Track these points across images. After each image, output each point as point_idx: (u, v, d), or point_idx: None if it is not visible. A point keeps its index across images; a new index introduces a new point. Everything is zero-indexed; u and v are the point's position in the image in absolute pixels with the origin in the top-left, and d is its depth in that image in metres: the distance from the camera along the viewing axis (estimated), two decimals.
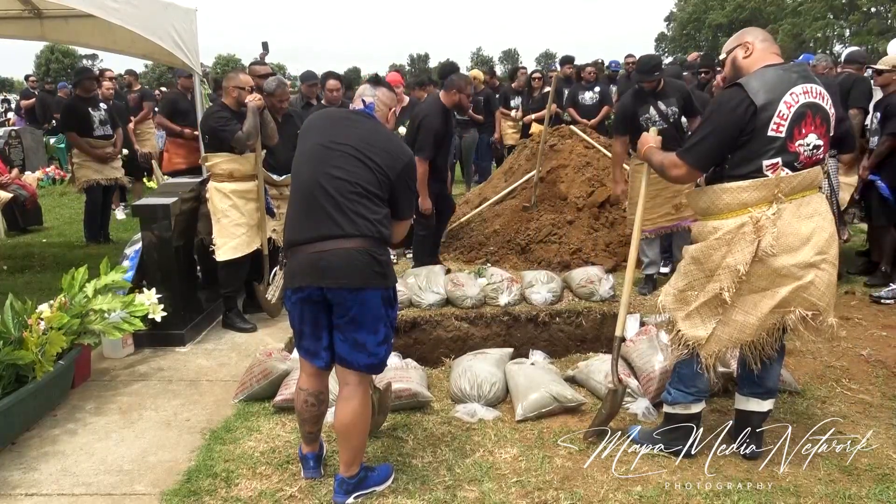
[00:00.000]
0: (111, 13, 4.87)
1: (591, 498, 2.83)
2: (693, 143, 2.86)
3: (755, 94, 2.70)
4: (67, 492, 2.98)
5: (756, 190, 2.74)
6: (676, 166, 2.91)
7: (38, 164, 11.95)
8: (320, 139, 2.75)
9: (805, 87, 2.75)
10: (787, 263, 2.73)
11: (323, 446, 3.08)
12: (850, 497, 2.79)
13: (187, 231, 4.87)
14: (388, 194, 2.73)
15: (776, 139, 2.71)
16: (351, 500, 2.81)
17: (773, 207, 2.71)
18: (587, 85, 9.45)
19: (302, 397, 2.87)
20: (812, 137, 2.75)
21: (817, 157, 2.79)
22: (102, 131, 7.37)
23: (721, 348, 2.87)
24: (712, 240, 2.82)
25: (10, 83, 50.21)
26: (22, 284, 5.83)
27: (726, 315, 2.83)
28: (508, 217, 6.50)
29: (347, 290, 2.61)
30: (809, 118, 2.74)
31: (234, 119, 4.65)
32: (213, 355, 4.46)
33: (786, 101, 2.70)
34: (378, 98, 2.90)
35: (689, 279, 2.93)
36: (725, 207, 2.80)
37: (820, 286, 2.77)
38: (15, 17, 6.30)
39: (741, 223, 2.74)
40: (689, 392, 3.01)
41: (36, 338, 3.49)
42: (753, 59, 2.84)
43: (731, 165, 2.80)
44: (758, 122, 2.70)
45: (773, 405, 3.09)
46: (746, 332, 2.82)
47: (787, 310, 2.78)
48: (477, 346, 4.23)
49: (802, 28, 51.43)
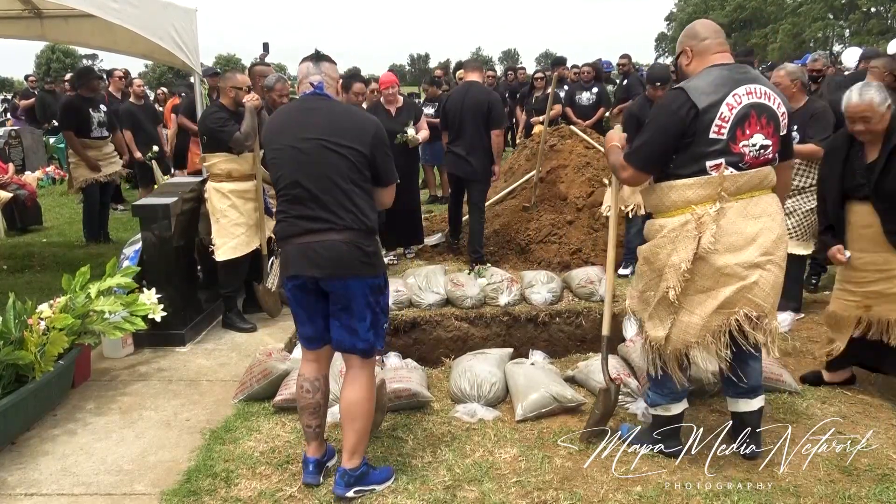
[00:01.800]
0: (111, 13, 4.86)
1: (590, 498, 2.83)
2: (637, 147, 2.89)
3: (696, 97, 2.71)
4: (67, 492, 2.98)
5: (700, 188, 2.75)
6: (624, 168, 2.94)
7: (38, 163, 11.95)
8: (289, 140, 2.77)
9: (749, 87, 2.75)
10: (730, 262, 2.73)
11: (329, 454, 3.05)
12: (850, 497, 2.79)
13: (187, 231, 4.87)
14: (369, 169, 2.79)
15: (718, 141, 2.72)
16: (351, 494, 2.82)
17: (715, 205, 2.72)
18: (585, 85, 9.44)
19: (299, 383, 2.94)
20: (758, 138, 2.75)
21: (765, 157, 2.79)
22: (100, 133, 7.34)
23: (675, 348, 2.86)
24: (659, 238, 2.85)
25: (10, 83, 50.24)
26: (22, 284, 5.82)
27: (677, 315, 2.84)
28: (508, 217, 6.50)
29: (337, 280, 2.72)
30: (754, 119, 2.74)
31: (231, 119, 4.65)
32: (213, 355, 4.46)
33: (728, 103, 2.71)
34: (325, 74, 2.89)
35: (645, 279, 2.97)
36: (672, 205, 2.82)
37: (765, 287, 2.77)
38: (15, 17, 6.29)
39: (685, 221, 2.76)
40: (663, 394, 3.02)
41: (36, 338, 3.49)
42: (696, 63, 2.87)
43: (676, 166, 2.81)
44: (699, 125, 2.72)
45: (763, 402, 3.08)
46: (691, 332, 2.81)
47: (732, 310, 2.77)
48: (477, 346, 4.23)
49: (802, 28, 51.44)
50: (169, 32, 5.50)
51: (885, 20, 49.65)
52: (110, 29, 5.70)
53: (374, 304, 2.80)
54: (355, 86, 5.58)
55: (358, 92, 5.62)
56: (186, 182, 5.32)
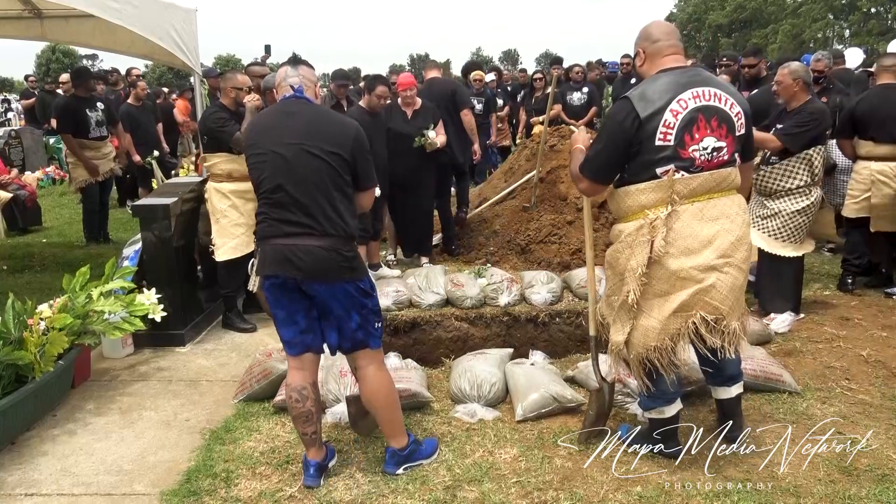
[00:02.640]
0: (111, 13, 4.87)
1: (590, 498, 2.83)
2: (589, 158, 2.92)
3: (640, 107, 2.72)
4: (67, 492, 2.98)
5: (652, 192, 2.76)
6: (580, 179, 2.97)
7: (38, 164, 11.95)
8: (270, 144, 2.78)
9: (696, 90, 2.74)
10: (685, 266, 2.73)
11: (330, 456, 3.05)
12: (850, 497, 2.79)
13: (187, 231, 4.87)
14: (350, 172, 2.80)
15: (665, 147, 2.73)
16: (400, 471, 2.96)
17: (667, 208, 2.73)
18: (575, 85, 9.38)
19: (287, 393, 2.93)
20: (709, 141, 2.75)
21: (720, 159, 2.78)
22: (98, 132, 7.30)
23: (636, 353, 2.87)
24: (618, 243, 2.89)
25: (10, 83, 50.20)
26: (22, 284, 5.83)
27: (636, 320, 2.86)
28: (508, 217, 6.49)
29: (318, 283, 2.75)
30: (702, 122, 2.73)
31: (232, 119, 4.66)
32: (213, 355, 4.46)
33: (672, 109, 2.71)
34: (303, 77, 2.90)
35: (610, 284, 3.00)
36: (628, 210, 2.85)
37: (722, 289, 2.76)
38: (15, 17, 6.30)
39: (640, 225, 2.78)
40: (654, 397, 3.02)
41: (36, 338, 3.49)
42: (648, 65, 2.90)
43: (629, 174, 2.85)
44: (644, 134, 2.73)
45: (741, 388, 3.11)
46: (650, 336, 2.82)
47: (689, 313, 2.78)
48: (477, 346, 4.23)
49: (802, 28, 51.42)
50: (169, 32, 5.51)
51: (885, 20, 49.64)
52: (110, 29, 5.71)
53: (360, 306, 2.82)
54: (378, 88, 5.29)
55: (381, 95, 5.29)
56: (186, 182, 5.32)
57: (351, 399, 3.23)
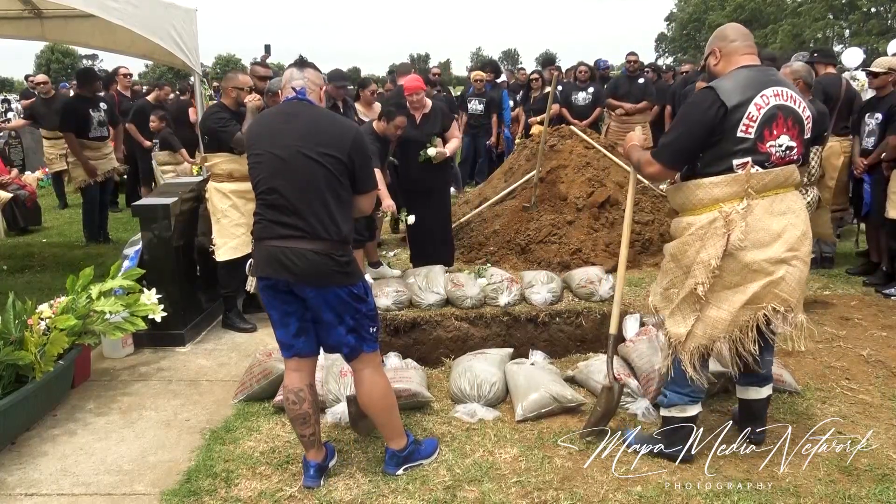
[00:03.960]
0: (111, 13, 4.86)
1: (591, 498, 2.83)
2: (666, 143, 2.93)
3: (726, 96, 2.75)
4: (67, 492, 2.98)
5: (727, 186, 2.78)
6: (651, 164, 2.98)
7: (38, 164, 11.94)
8: (268, 146, 2.77)
9: (776, 89, 2.79)
10: (757, 258, 2.77)
11: (330, 456, 3.06)
12: (850, 497, 2.79)
13: (187, 231, 4.87)
14: (347, 177, 2.79)
15: (745, 139, 2.76)
16: (400, 472, 2.97)
17: (743, 203, 2.76)
18: (581, 85, 9.32)
19: (284, 395, 2.94)
20: (784, 139, 2.80)
21: (790, 157, 2.84)
22: (99, 132, 7.33)
23: (698, 345, 2.89)
24: (686, 236, 2.88)
25: (10, 83, 50.21)
26: (22, 284, 5.83)
27: (702, 311, 2.87)
28: (508, 217, 6.49)
29: (310, 287, 2.74)
30: (781, 120, 2.78)
31: (233, 119, 4.66)
32: (213, 355, 4.46)
33: (756, 103, 2.75)
34: (308, 80, 2.90)
35: (671, 276, 2.99)
36: (699, 203, 2.85)
37: (791, 282, 2.81)
38: (15, 17, 6.29)
39: (713, 218, 2.79)
40: (684, 393, 3.02)
41: (36, 338, 3.49)
42: (724, 64, 2.92)
43: (703, 164, 2.86)
44: (728, 123, 2.76)
45: (771, 390, 3.15)
46: (718, 327, 2.85)
47: (760, 305, 2.82)
48: (477, 346, 4.23)
49: (802, 28, 51.43)
50: (169, 32, 5.50)
51: (885, 20, 49.65)
52: (110, 29, 5.71)
53: (353, 311, 2.80)
54: (398, 119, 4.99)
55: (399, 125, 4.99)
56: (186, 182, 5.32)
57: (351, 399, 3.23)
